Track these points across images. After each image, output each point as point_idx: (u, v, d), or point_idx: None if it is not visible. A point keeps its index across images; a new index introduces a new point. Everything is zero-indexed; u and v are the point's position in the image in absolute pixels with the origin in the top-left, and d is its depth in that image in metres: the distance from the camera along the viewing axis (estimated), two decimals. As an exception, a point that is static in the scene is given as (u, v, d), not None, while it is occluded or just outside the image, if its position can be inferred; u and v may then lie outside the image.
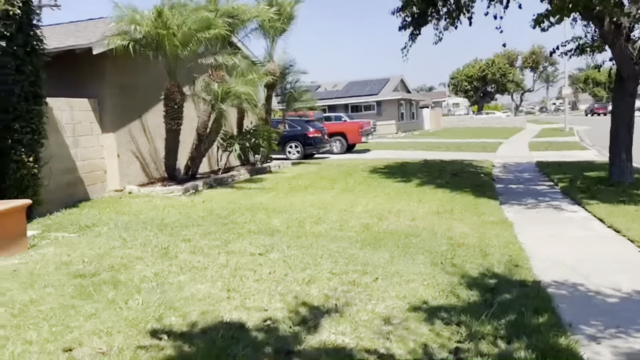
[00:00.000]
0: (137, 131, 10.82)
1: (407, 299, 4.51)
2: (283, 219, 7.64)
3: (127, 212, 8.31)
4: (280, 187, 11.24)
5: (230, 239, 6.39)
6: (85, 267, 5.15)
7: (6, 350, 3.30)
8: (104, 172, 10.23)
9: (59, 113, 9.18)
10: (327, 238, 6.55)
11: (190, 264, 5.27)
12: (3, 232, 5.89)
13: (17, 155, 7.87)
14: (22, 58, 7.71)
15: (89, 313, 3.93)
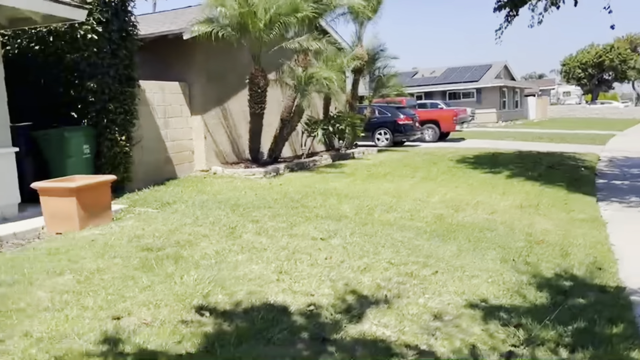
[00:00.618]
0: (223, 114, 11.19)
1: (466, 296, 4.25)
2: (354, 205, 7.54)
3: (207, 192, 8.63)
4: (359, 173, 11.13)
5: (297, 222, 6.41)
6: (154, 241, 5.40)
7: (63, 313, 3.53)
8: (191, 152, 10.71)
9: (151, 95, 9.70)
10: (395, 227, 6.37)
11: (251, 244, 5.34)
12: (90, 205, 6.33)
13: (111, 134, 8.44)
14: (117, 42, 8.22)
15: (145, 285, 4.11)
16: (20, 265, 4.56)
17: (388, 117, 19.86)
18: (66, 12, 7.00)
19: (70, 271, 4.40)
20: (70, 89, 8.27)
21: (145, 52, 10.29)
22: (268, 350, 3.15)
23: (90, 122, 8.40)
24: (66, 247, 5.17)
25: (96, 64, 8.03)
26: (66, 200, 6.19)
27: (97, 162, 8.51)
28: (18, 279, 4.18)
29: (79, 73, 8.12)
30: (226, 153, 11.33)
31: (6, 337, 3.17)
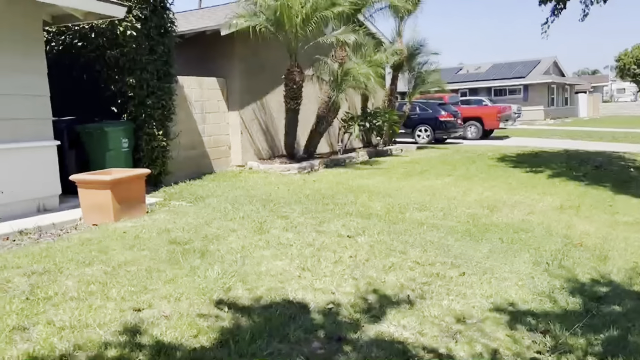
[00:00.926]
0: (259, 110, 11.26)
1: (492, 299, 4.12)
2: (385, 203, 7.45)
3: (241, 187, 8.71)
4: (394, 170, 10.99)
5: (326, 219, 6.37)
6: (183, 234, 5.48)
7: (87, 303, 3.62)
8: (228, 147, 10.83)
9: (189, 91, 9.86)
10: (426, 226, 6.24)
11: (278, 240, 5.34)
12: (125, 197, 6.48)
13: (149, 128, 8.62)
14: (156, 39, 8.38)
15: (169, 278, 4.16)
16: (53, 254, 4.71)
17: (429, 114, 19.56)
18: (105, 9, 7.18)
19: (99, 262, 4.51)
20: (111, 85, 8.50)
21: (185, 49, 10.47)
22: (282, 348, 3.13)
23: (129, 116, 8.62)
24: (98, 238, 5.31)
25: (135, 60, 8.21)
26: (102, 192, 6.37)
27: (135, 156, 8.72)
28: (49, 268, 4.32)
29: (119, 69, 8.33)
30: (262, 148, 11.41)
31: (30, 324, 3.28)
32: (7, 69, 6.61)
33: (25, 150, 6.84)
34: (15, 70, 6.70)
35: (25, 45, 6.83)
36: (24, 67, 6.81)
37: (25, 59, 6.82)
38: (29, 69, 6.88)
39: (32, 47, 6.92)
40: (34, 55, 6.94)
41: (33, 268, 4.33)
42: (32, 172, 6.91)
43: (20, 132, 6.79)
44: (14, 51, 6.67)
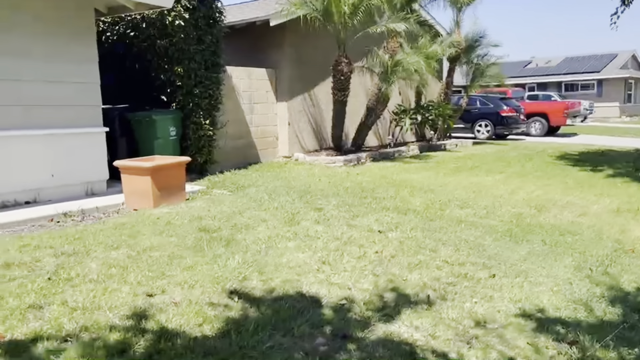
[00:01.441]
0: (307, 101, 11.22)
1: (520, 304, 3.87)
2: (426, 199, 7.21)
3: (283, 177, 8.71)
4: (443, 166, 10.65)
5: (360, 212, 6.24)
6: (214, 222, 5.52)
7: (103, 285, 3.70)
8: (275, 138, 10.87)
9: (238, 81, 9.96)
10: (464, 224, 5.98)
11: (306, 232, 5.28)
12: (164, 184, 6.62)
13: (196, 117, 8.78)
14: (203, 29, 8.50)
15: (188, 265, 4.19)
16: (86, 237, 4.87)
17: (490, 109, 18.87)
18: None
19: (126, 246, 4.62)
20: (161, 74, 8.71)
21: (235, 39, 10.58)
22: (284, 342, 3.06)
23: (178, 105, 8.81)
24: (132, 223, 5.45)
25: (183, 50, 8.36)
26: (142, 178, 6.53)
27: (183, 144, 8.91)
28: (78, 250, 4.46)
29: (168, 58, 8.52)
30: (309, 140, 11.38)
31: (46, 304, 3.38)
32: (60, 57, 6.89)
33: (75, 135, 7.12)
34: (68, 58, 6.98)
35: (78, 34, 7.09)
36: (76, 55, 7.08)
37: (77, 47, 7.08)
38: (81, 57, 7.14)
39: (85, 37, 7.18)
40: (86, 44, 7.20)
41: (64, 249, 4.49)
42: (82, 157, 7.19)
43: (71, 118, 7.07)
44: (67, 40, 6.94)
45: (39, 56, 6.67)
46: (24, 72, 6.53)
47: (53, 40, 6.79)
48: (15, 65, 6.45)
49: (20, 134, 6.54)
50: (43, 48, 6.69)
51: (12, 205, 6.50)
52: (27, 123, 6.61)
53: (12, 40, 6.40)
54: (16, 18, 6.43)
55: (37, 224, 5.81)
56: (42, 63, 6.69)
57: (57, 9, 6.84)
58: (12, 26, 6.39)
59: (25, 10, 6.52)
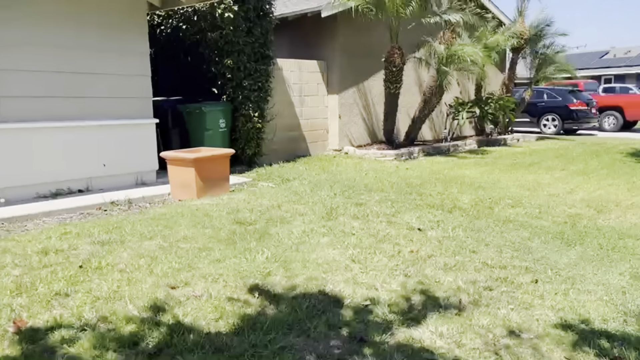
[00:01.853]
0: (359, 94, 11.03)
1: (562, 313, 3.57)
2: (475, 196, 6.88)
3: (330, 171, 8.61)
4: (500, 162, 10.16)
5: (403, 209, 6.03)
6: (251, 215, 5.50)
7: (130, 276, 3.74)
8: (325, 131, 10.77)
9: (288, 73, 9.92)
10: (513, 224, 5.64)
11: (342, 228, 5.15)
12: (208, 176, 6.68)
13: (245, 110, 8.83)
14: (253, 21, 8.50)
15: (217, 258, 4.17)
16: (125, 226, 4.98)
17: (557, 102, 17.90)
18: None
19: (161, 237, 4.67)
20: (212, 66, 8.81)
21: (287, 31, 10.55)
22: (297, 342, 2.96)
23: (228, 98, 8.88)
24: (172, 214, 5.52)
25: (233, 42, 8.41)
26: (186, 170, 6.62)
27: (232, 136, 9.00)
28: (114, 239, 4.55)
29: (218, 51, 8.60)
30: (361, 133, 11.20)
31: (72, 292, 3.45)
32: (112, 51, 7.08)
33: (126, 127, 7.32)
34: (120, 51, 7.17)
35: (129, 27, 7.26)
36: (127, 48, 7.26)
37: (129, 40, 7.26)
38: (132, 50, 7.32)
39: (136, 30, 7.34)
40: (137, 37, 7.36)
41: (101, 238, 4.59)
42: (132, 147, 7.39)
43: (122, 110, 7.27)
44: (118, 33, 7.12)
45: (92, 49, 6.88)
46: (77, 65, 6.77)
47: (105, 33, 6.99)
48: (69, 58, 6.69)
49: (74, 125, 6.80)
50: (95, 41, 6.90)
51: (67, 193, 6.77)
52: (81, 114, 6.85)
53: (65, 33, 6.63)
54: (69, 10, 6.65)
55: (86, 212, 6.02)
56: (94, 55, 6.91)
57: (109, 2, 7.02)
58: (65, 19, 6.62)
59: (77, 3, 6.74)
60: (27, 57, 6.31)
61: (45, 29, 6.46)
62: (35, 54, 6.38)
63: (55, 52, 6.57)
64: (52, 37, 6.51)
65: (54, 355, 2.73)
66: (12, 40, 6.17)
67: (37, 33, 6.38)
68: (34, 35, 6.35)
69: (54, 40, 6.53)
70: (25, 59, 6.30)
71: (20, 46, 6.25)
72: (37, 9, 6.37)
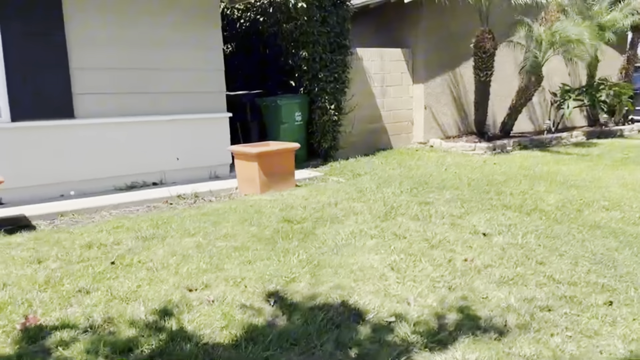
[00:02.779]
0: (448, 83, 10.31)
1: (635, 344, 2.92)
2: (565, 196, 6.06)
3: (407, 166, 8.13)
4: (608, 156, 8.96)
5: (474, 210, 5.45)
6: (302, 213, 5.26)
7: (153, 274, 3.67)
8: (410, 123, 10.23)
9: (369, 63, 9.52)
10: (602, 231, 4.85)
11: (394, 230, 4.73)
12: (272, 170, 6.55)
13: (322, 102, 8.60)
14: (328, 10, 8.22)
15: (248, 259, 3.99)
16: (174, 221, 4.98)
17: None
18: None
19: (203, 234, 4.59)
20: (289, 58, 8.68)
21: (369, 19, 10.15)
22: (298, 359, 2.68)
23: (305, 90, 8.72)
24: (224, 209, 5.45)
25: (307, 33, 8.20)
26: (250, 164, 6.55)
27: (309, 129, 8.83)
28: (156, 234, 4.55)
29: (294, 42, 8.44)
30: (449, 125, 10.49)
31: (93, 289, 3.44)
32: (185, 46, 7.19)
33: (199, 121, 7.43)
34: (193, 46, 7.26)
35: (202, 23, 7.32)
36: (201, 43, 7.33)
37: (202, 35, 7.33)
38: (206, 45, 7.39)
39: (209, 25, 7.39)
40: (210, 32, 7.42)
41: (147, 232, 4.61)
42: (206, 141, 7.48)
43: (195, 104, 7.38)
44: (191, 28, 7.21)
45: (165, 45, 7.03)
46: (150, 61, 6.95)
47: (178, 28, 7.11)
48: (143, 54, 6.88)
49: (148, 120, 7.01)
50: (168, 36, 7.04)
51: (141, 186, 7.02)
52: (155, 109, 7.05)
53: (139, 30, 6.82)
54: (141, 8, 6.82)
55: (152, 205, 6.16)
56: (167, 51, 7.06)
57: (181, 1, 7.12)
58: (138, 16, 6.80)
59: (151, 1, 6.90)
60: (100, 54, 6.57)
61: (119, 26, 6.68)
62: (108, 51, 6.62)
63: (129, 49, 6.78)
64: (125, 34, 6.73)
65: (47, 356, 2.70)
66: (84, 39, 6.45)
67: (110, 31, 6.62)
68: (106, 33, 6.59)
69: (127, 38, 6.74)
70: (98, 57, 6.56)
71: (92, 45, 6.51)
72: (110, 8, 6.60)
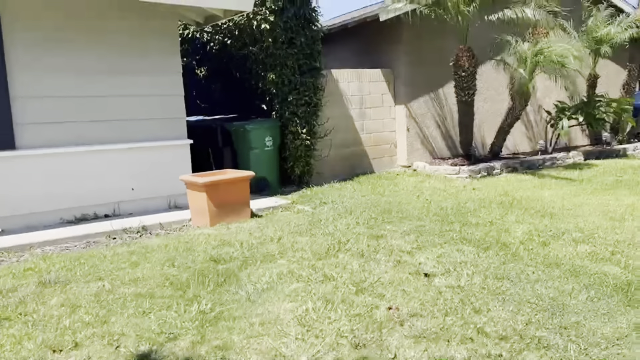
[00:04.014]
0: (433, 103, 9.83)
1: None
2: (535, 227, 5.51)
3: (380, 192, 7.66)
4: (598, 179, 8.32)
5: (428, 244, 4.95)
6: (236, 250, 4.83)
7: (26, 331, 3.26)
8: (393, 145, 9.76)
9: (345, 84, 9.13)
10: (560, 270, 4.30)
11: (327, 270, 4.26)
12: (223, 201, 6.13)
13: (293, 126, 8.22)
14: (294, 30, 7.85)
15: (143, 310, 3.56)
16: (92, 261, 4.60)
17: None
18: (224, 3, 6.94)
19: (112, 277, 4.18)
20: (259, 81, 8.36)
21: (349, 40, 9.80)
22: None
23: (276, 114, 8.37)
24: (158, 246, 5.08)
25: (274, 55, 7.86)
26: (199, 195, 6.17)
27: (282, 155, 8.44)
28: (62, 279, 4.15)
29: (263, 65, 8.12)
30: (437, 147, 9.98)
31: (-52, 348, 3.05)
32: (141, 72, 6.88)
33: (155, 148, 7.08)
34: (150, 72, 6.94)
35: (159, 48, 7.02)
36: (158, 69, 7.02)
37: (160, 60, 7.02)
38: (163, 70, 7.07)
39: (166, 50, 7.08)
40: (167, 57, 7.10)
41: (53, 276, 4.22)
42: (164, 169, 7.10)
43: (152, 131, 7.04)
44: (149, 53, 6.91)
45: (119, 71, 6.73)
46: (103, 88, 6.65)
47: (132, 54, 6.82)
48: (93, 81, 6.59)
49: (99, 149, 6.67)
50: (122, 62, 6.75)
51: (92, 218, 6.66)
52: (107, 137, 6.72)
53: (90, 56, 6.55)
54: (92, 36, 6.57)
55: (92, 240, 5.80)
56: (122, 78, 6.76)
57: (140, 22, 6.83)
58: (88, 43, 6.54)
59: (108, 24, 6.62)
60: (45, 82, 6.30)
61: (67, 52, 6.42)
62: (55, 78, 6.35)
63: (78, 76, 6.50)
64: (74, 60, 6.45)
65: None
66: (32, 66, 6.19)
67: (60, 58, 6.36)
68: (55, 60, 6.33)
69: (76, 64, 6.46)
70: (43, 84, 6.29)
71: (36, 72, 6.24)
72: (61, 35, 6.36)
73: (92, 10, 6.48)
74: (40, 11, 6.21)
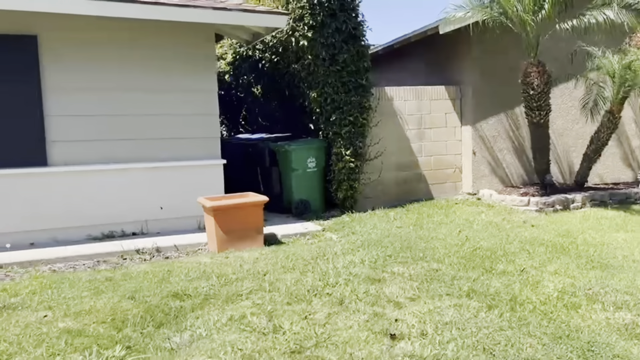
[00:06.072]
0: (504, 125, 8.70)
1: None
2: (573, 282, 4.44)
3: (421, 224, 6.87)
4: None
5: (426, 295, 4.18)
6: (207, 284, 4.44)
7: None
8: (458, 170, 8.81)
9: (401, 103, 8.42)
10: (574, 345, 3.33)
11: (284, 320, 3.71)
12: (232, 226, 5.84)
13: (337, 147, 7.75)
14: (337, 46, 7.37)
15: (52, 353, 3.31)
16: (63, 286, 4.49)
17: None
18: (258, 20, 6.69)
19: (60, 309, 3.97)
20: (305, 100, 8.01)
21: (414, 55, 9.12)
22: None
23: (323, 134, 7.95)
24: (142, 272, 4.86)
25: (315, 72, 7.46)
26: (209, 218, 5.92)
27: (328, 177, 7.98)
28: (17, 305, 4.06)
29: (307, 83, 7.76)
30: (510, 173, 8.83)
31: None
32: (175, 90, 6.86)
33: (187, 168, 7.01)
34: (183, 91, 6.90)
35: (194, 66, 6.95)
36: (192, 88, 6.96)
37: (194, 80, 6.95)
38: (197, 89, 7.00)
39: (201, 69, 7.00)
40: (202, 76, 7.02)
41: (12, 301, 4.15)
42: (194, 189, 6.95)
43: (184, 151, 6.99)
44: (183, 73, 6.87)
45: (152, 90, 6.77)
46: (135, 107, 6.71)
47: (166, 73, 6.81)
48: (125, 100, 6.66)
49: (129, 167, 6.72)
50: (156, 81, 6.77)
51: (119, 235, 6.71)
52: (138, 155, 6.75)
53: (121, 76, 6.64)
54: (130, 52, 6.64)
55: (102, 259, 5.79)
56: (154, 96, 6.78)
57: (173, 41, 6.81)
58: (126, 60, 6.62)
59: (140, 43, 6.68)
60: (78, 101, 6.46)
61: (100, 72, 6.55)
62: (88, 97, 6.49)
63: (111, 95, 6.61)
64: (105, 80, 6.57)
65: None
66: (60, 86, 6.38)
67: (91, 76, 6.51)
68: (87, 79, 6.49)
69: (108, 84, 6.58)
70: (78, 104, 6.46)
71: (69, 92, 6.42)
72: (94, 55, 6.50)
73: (125, 30, 6.55)
74: (75, 31, 6.39)
